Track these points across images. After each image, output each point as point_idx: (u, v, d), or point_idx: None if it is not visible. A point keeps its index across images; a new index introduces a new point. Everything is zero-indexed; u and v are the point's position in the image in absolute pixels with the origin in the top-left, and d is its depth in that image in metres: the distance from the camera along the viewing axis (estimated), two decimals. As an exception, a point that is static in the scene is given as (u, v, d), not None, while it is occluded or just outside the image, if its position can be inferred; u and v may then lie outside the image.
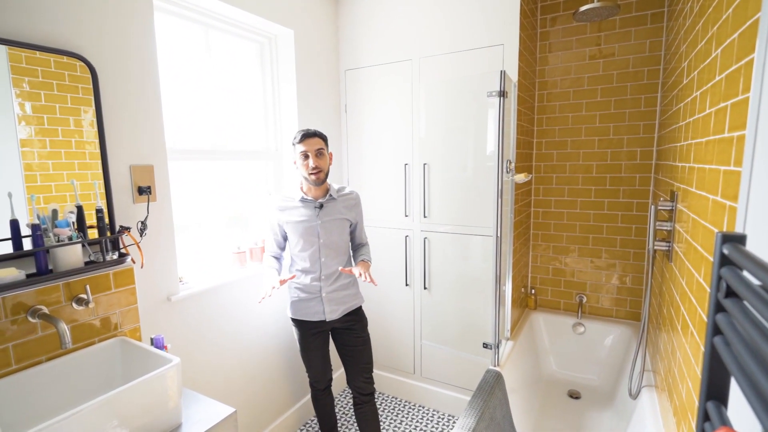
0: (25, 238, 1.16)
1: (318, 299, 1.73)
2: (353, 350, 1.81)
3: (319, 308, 1.74)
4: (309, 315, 1.75)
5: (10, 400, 1.11)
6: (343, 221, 1.74)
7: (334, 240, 1.72)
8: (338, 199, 1.74)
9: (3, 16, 1.11)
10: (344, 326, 1.80)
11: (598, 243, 2.55)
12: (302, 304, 1.75)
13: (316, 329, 1.78)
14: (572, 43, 2.47)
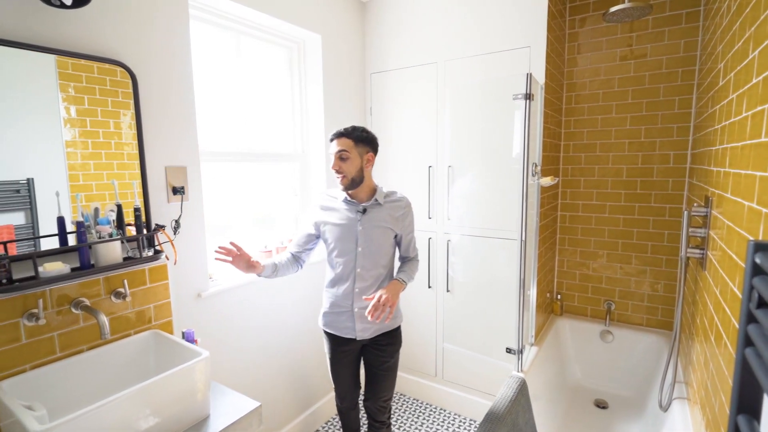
0: (69, 235, 1.24)
1: (349, 314, 1.56)
2: (375, 372, 1.65)
3: (350, 324, 1.57)
4: (339, 330, 1.60)
5: (54, 386, 1.19)
6: (386, 230, 1.55)
7: (373, 250, 1.53)
8: (384, 205, 1.56)
9: (52, 28, 1.19)
10: (374, 345, 1.62)
11: (628, 249, 2.48)
12: (333, 317, 1.60)
13: (346, 345, 1.62)
14: (602, 44, 2.42)
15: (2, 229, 1.13)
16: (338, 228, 1.54)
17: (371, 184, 1.57)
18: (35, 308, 1.17)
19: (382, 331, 1.60)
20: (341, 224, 1.54)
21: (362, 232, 1.52)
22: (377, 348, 1.62)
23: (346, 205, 1.56)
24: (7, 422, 1.05)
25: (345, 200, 1.55)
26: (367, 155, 1.51)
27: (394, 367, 1.66)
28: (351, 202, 1.55)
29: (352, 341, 1.60)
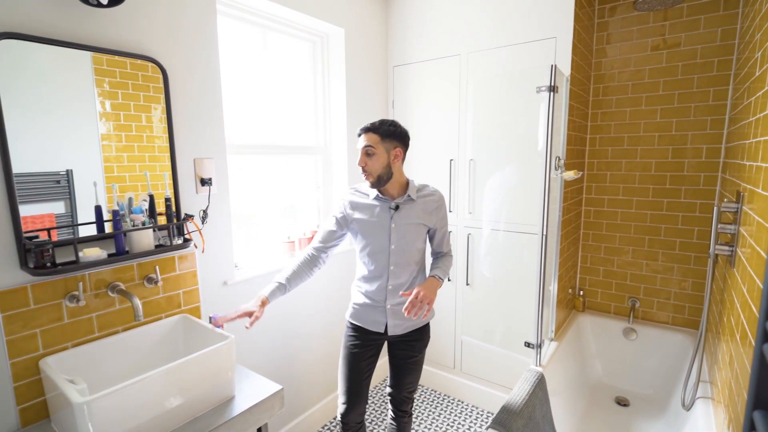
0: (105, 223, 1.31)
1: (381, 310, 1.53)
2: (403, 365, 1.62)
3: (382, 319, 1.53)
4: (369, 324, 1.55)
5: (92, 363, 1.27)
6: (419, 227, 1.51)
7: (406, 247, 1.49)
8: (417, 201, 1.50)
9: (89, 26, 1.26)
10: (403, 340, 1.59)
11: (654, 245, 2.41)
12: (364, 311, 1.55)
13: (372, 339, 1.57)
14: (633, 34, 2.34)
15: (44, 217, 1.21)
16: (370, 226, 1.49)
17: (402, 179, 1.50)
18: (76, 290, 1.25)
19: (413, 328, 1.57)
20: (373, 222, 1.48)
21: (395, 229, 1.47)
22: (406, 343, 1.59)
23: (378, 202, 1.50)
24: (53, 394, 1.14)
25: (377, 197, 1.49)
26: (394, 150, 1.44)
27: (421, 361, 1.64)
28: (383, 198, 1.49)
29: (380, 335, 1.56)
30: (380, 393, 2.61)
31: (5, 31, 1.08)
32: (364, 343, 1.57)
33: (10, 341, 1.14)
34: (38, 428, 1.19)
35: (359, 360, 1.56)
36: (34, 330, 1.19)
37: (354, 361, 1.57)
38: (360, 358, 1.56)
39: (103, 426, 1.01)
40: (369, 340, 1.57)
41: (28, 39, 1.12)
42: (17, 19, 1.11)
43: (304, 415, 2.18)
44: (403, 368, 1.62)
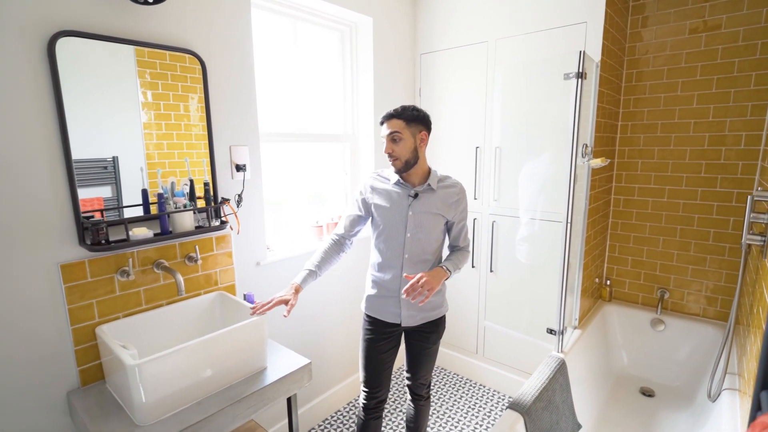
0: (150, 205, 1.42)
1: (395, 300, 1.51)
2: (417, 355, 1.63)
3: (396, 310, 1.51)
4: (383, 314, 1.53)
5: (140, 332, 1.40)
6: (437, 217, 1.48)
7: (422, 237, 1.47)
8: (438, 191, 1.48)
9: (135, 23, 1.35)
10: (417, 331, 1.59)
11: (687, 235, 2.36)
12: (378, 301, 1.54)
13: (388, 329, 1.55)
14: (670, 16, 2.26)
15: (94, 200, 1.31)
16: (387, 211, 1.48)
17: (425, 167, 1.49)
18: (126, 266, 1.37)
19: (427, 320, 1.55)
20: (390, 208, 1.47)
21: (412, 217, 1.45)
22: (421, 334, 1.59)
23: (398, 188, 1.48)
24: (108, 358, 1.27)
25: (397, 182, 1.48)
26: (420, 134, 1.44)
27: (435, 351, 1.65)
28: (403, 184, 1.48)
29: (395, 326, 1.54)
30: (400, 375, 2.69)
31: (64, 29, 1.19)
32: (380, 336, 1.55)
33: (71, 310, 1.28)
34: (94, 388, 1.33)
35: (379, 353, 1.56)
36: (91, 300, 1.32)
37: (373, 354, 1.56)
38: (379, 350, 1.56)
39: (151, 388, 1.13)
40: (386, 332, 1.55)
41: (83, 36, 1.22)
42: (74, 18, 1.21)
43: (329, 392, 2.29)
44: (418, 358, 1.62)
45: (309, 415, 2.18)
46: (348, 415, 2.32)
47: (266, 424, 1.94)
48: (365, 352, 1.58)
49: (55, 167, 1.22)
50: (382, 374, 1.58)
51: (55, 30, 1.17)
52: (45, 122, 1.19)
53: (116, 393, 1.27)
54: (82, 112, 1.25)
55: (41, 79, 1.17)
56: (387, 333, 1.56)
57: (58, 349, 1.28)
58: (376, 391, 1.59)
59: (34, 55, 1.15)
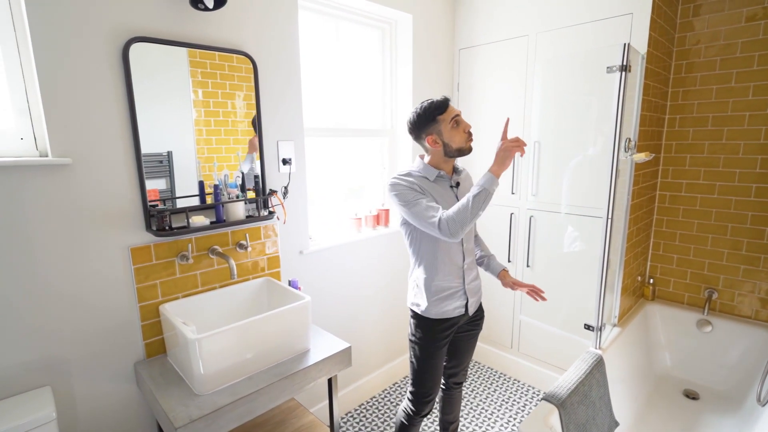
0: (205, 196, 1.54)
1: (461, 292, 1.49)
2: (470, 345, 1.64)
3: (462, 302, 1.49)
4: (450, 312, 1.48)
5: (196, 311, 1.53)
6: None
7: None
8: (463, 177, 1.53)
9: (194, 27, 1.47)
10: (473, 320, 1.59)
11: (738, 233, 2.25)
12: (446, 301, 1.47)
13: (451, 328, 1.51)
14: (725, 4, 2.15)
15: (151, 191, 1.43)
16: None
17: None
18: (185, 251, 1.51)
19: (479, 303, 1.61)
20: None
21: None
22: (476, 324, 1.62)
23: (437, 184, 1.43)
24: (170, 333, 1.40)
25: (439, 176, 1.43)
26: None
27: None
28: (443, 176, 1.44)
29: (458, 319, 1.51)
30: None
31: (137, 35, 1.32)
32: (442, 338, 1.50)
33: (138, 289, 1.42)
34: (157, 360, 1.47)
35: (439, 356, 1.52)
36: (155, 281, 1.46)
37: (435, 359, 1.51)
38: (440, 352, 1.52)
39: (209, 361, 1.24)
40: (447, 333, 1.50)
41: (152, 41, 1.35)
42: (144, 25, 1.34)
43: (366, 379, 2.38)
44: (468, 346, 1.64)
45: (346, 399, 2.28)
46: (383, 401, 2.40)
47: (306, 405, 2.06)
48: (428, 360, 1.51)
49: (128, 160, 1.35)
50: (441, 371, 1.58)
51: (129, 36, 1.31)
52: (121, 120, 1.33)
53: (177, 365, 1.40)
54: (144, 110, 1.37)
55: (118, 80, 1.31)
56: (448, 333, 1.51)
57: (128, 324, 1.42)
58: (435, 391, 1.57)
59: (113, 60, 1.29)
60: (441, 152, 1.41)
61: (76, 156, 1.25)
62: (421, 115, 1.39)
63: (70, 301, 1.29)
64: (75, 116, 1.24)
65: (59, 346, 1.29)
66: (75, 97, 1.23)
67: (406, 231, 1.47)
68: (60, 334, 1.29)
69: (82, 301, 1.32)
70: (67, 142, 1.23)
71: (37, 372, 1.26)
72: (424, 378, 1.53)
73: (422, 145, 1.43)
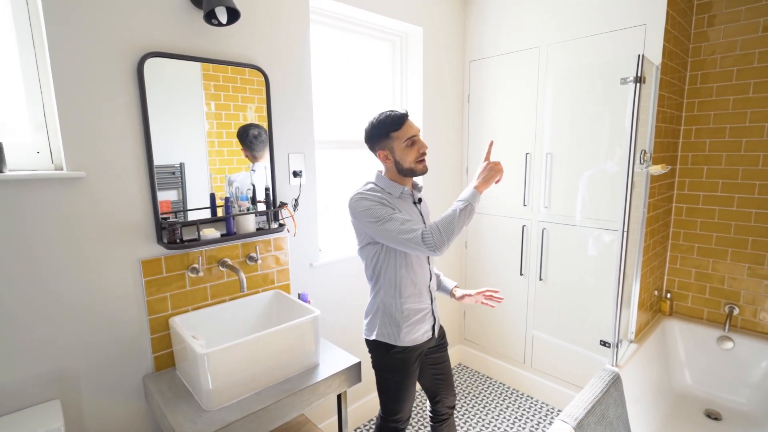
0: (216, 208, 1.54)
1: (429, 314, 1.45)
2: (446, 366, 1.57)
3: (430, 324, 1.45)
4: (420, 338, 1.43)
5: (206, 324, 1.52)
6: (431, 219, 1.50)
7: None
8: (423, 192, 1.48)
9: (208, 42, 1.48)
10: (438, 342, 1.54)
11: (759, 247, 2.18)
12: (416, 327, 1.41)
13: (419, 355, 1.46)
14: (741, 14, 2.12)
15: (163, 203, 1.43)
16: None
17: None
18: (196, 263, 1.50)
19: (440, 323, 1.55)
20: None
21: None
22: (442, 344, 1.56)
23: (403, 199, 1.39)
24: (180, 347, 1.39)
25: (404, 193, 1.38)
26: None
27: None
28: (407, 193, 1.40)
29: (425, 344, 1.46)
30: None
31: (152, 51, 1.34)
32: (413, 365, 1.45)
33: (149, 301, 1.42)
34: (166, 374, 1.46)
35: (411, 383, 1.47)
36: (165, 294, 1.46)
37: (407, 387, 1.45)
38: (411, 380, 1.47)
39: (218, 375, 1.23)
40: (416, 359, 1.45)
41: (167, 56, 1.36)
42: (159, 40, 1.36)
43: (374, 394, 2.34)
44: (446, 369, 1.57)
45: (355, 414, 2.24)
46: (393, 417, 2.35)
47: (315, 420, 2.02)
48: (400, 391, 1.44)
49: (141, 173, 1.36)
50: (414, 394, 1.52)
51: (144, 52, 1.32)
52: (134, 133, 1.34)
53: (186, 379, 1.38)
54: (158, 123, 1.38)
55: (132, 95, 1.32)
56: (417, 358, 1.46)
57: (138, 337, 1.42)
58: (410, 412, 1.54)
59: (128, 74, 1.31)
60: (394, 170, 1.37)
61: (90, 169, 1.26)
62: (375, 128, 1.35)
63: (81, 314, 1.29)
64: (90, 130, 1.25)
65: (69, 359, 1.29)
66: (90, 111, 1.25)
67: (371, 253, 1.39)
68: (70, 347, 1.28)
69: (92, 313, 1.32)
70: (82, 156, 1.25)
71: (46, 385, 1.25)
72: (397, 408, 1.47)
73: (377, 158, 1.40)
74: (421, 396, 2.54)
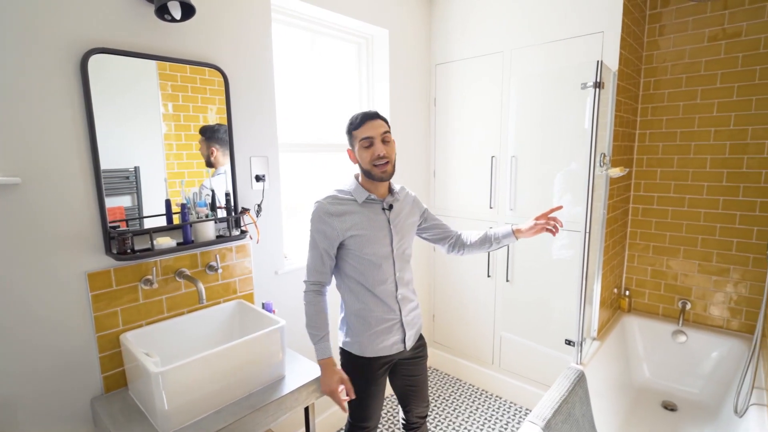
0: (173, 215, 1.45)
1: (398, 326, 1.39)
2: (420, 379, 1.52)
3: (399, 336, 1.39)
4: (386, 349, 1.38)
5: (162, 340, 1.42)
6: (412, 225, 1.44)
7: (406, 248, 1.40)
8: (401, 199, 1.42)
9: (161, 39, 1.40)
10: (413, 354, 1.47)
11: (708, 245, 2.31)
12: (380, 338, 1.36)
13: (387, 365, 1.42)
14: (688, 25, 2.24)
15: (115, 209, 1.33)
16: (370, 235, 1.31)
17: None
18: (150, 275, 1.41)
19: (418, 334, 1.50)
20: (372, 229, 1.31)
21: (395, 230, 1.36)
22: (418, 356, 1.50)
23: (366, 206, 1.33)
24: (131, 365, 1.30)
25: (367, 199, 1.33)
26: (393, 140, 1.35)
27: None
28: (373, 200, 1.34)
29: (395, 356, 1.42)
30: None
31: (96, 47, 1.24)
32: (378, 376, 1.41)
33: (96, 317, 1.31)
34: (117, 395, 1.36)
35: (378, 394, 1.43)
36: (116, 308, 1.35)
37: (372, 397, 1.42)
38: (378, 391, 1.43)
39: (174, 395, 1.15)
40: (383, 369, 1.42)
41: (114, 53, 1.27)
42: (105, 36, 1.26)
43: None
44: (420, 381, 1.53)
45: (324, 425, 2.18)
46: (363, 425, 2.30)
47: (282, 433, 1.95)
48: (365, 399, 1.41)
49: (86, 178, 1.26)
50: (381, 405, 1.48)
51: (88, 47, 1.22)
52: (77, 135, 1.23)
53: (139, 400, 1.29)
54: (107, 124, 1.29)
55: (75, 93, 1.22)
56: (384, 369, 1.42)
57: (84, 356, 1.31)
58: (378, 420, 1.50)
59: (69, 72, 1.20)
60: (361, 170, 1.35)
61: (26, 175, 1.15)
62: (347, 125, 1.35)
63: (17, 335, 1.17)
64: (26, 132, 1.14)
65: (4, 387, 1.16)
66: (26, 112, 1.14)
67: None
68: (5, 372, 1.16)
69: (31, 334, 1.20)
70: (17, 160, 1.13)
71: (-24, 415, 1.13)
72: (363, 415, 1.44)
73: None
74: (394, 401, 2.51)
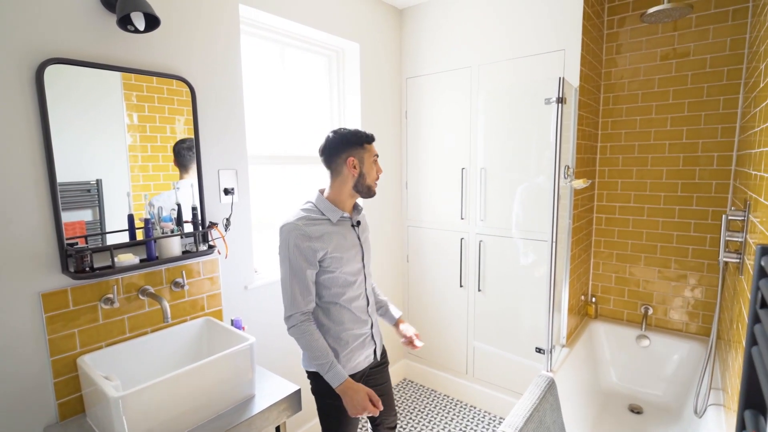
0: (136, 230, 1.40)
1: (370, 339, 1.42)
2: (387, 386, 1.54)
3: (371, 349, 1.43)
4: (361, 363, 1.40)
5: (124, 361, 1.36)
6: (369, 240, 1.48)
7: (370, 261, 1.45)
8: (361, 214, 1.44)
9: (124, 49, 1.36)
10: (380, 362, 1.50)
11: (667, 252, 2.42)
12: (355, 354, 1.38)
13: (360, 379, 1.41)
14: (642, 44, 2.37)
15: (75, 224, 1.28)
16: (345, 253, 1.32)
17: None
18: (110, 293, 1.34)
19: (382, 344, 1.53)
20: (347, 247, 1.33)
21: (364, 246, 1.40)
22: (383, 363, 1.53)
23: (339, 226, 1.33)
24: (89, 390, 1.23)
25: (342, 218, 1.34)
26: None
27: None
28: (346, 217, 1.35)
29: (367, 368, 1.44)
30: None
31: (53, 57, 1.19)
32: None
33: (51, 340, 1.24)
34: (74, 422, 1.28)
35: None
36: (73, 330, 1.28)
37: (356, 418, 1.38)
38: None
39: (135, 420, 1.09)
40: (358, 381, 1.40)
41: (72, 63, 1.22)
42: (63, 46, 1.22)
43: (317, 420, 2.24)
44: (387, 389, 1.54)
45: (297, 443, 2.12)
46: (337, 441, 2.26)
47: (253, 454, 1.88)
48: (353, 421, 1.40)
49: (40, 192, 1.20)
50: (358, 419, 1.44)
51: (44, 58, 1.18)
52: (32, 147, 1.18)
53: (97, 427, 1.22)
54: (67, 135, 1.24)
55: (29, 104, 1.16)
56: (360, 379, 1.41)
57: (37, 382, 1.23)
58: None
59: (24, 83, 1.15)
60: (351, 183, 1.32)
61: (-27, 190, 1.08)
62: (352, 135, 1.31)
63: (-39, 361, 1.09)
64: (-26, 145, 1.08)
65: (-56, 417, 1.08)
66: (-26, 124, 1.08)
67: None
68: (-54, 402, 1.08)
69: (-23, 359, 1.12)
70: (-37, 175, 1.07)
71: None
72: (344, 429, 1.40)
73: (334, 168, 1.32)
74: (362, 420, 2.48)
